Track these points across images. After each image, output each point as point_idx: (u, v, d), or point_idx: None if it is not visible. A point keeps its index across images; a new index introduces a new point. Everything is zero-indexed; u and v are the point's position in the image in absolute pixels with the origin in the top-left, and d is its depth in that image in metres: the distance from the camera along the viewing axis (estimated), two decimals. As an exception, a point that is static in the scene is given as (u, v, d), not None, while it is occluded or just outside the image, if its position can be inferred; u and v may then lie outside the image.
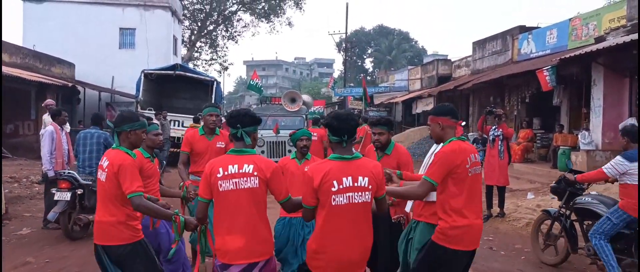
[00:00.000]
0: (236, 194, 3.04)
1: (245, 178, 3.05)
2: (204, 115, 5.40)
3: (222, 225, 3.09)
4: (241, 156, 3.12)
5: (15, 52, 19.21)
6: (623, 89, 11.54)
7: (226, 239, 3.06)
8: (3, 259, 5.77)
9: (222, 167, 3.08)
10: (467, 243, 3.37)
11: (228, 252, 3.05)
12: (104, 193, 3.38)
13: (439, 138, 3.57)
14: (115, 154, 3.38)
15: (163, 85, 18.10)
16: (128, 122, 3.51)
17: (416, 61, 49.68)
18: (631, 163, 5.02)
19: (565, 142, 12.94)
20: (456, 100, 22.37)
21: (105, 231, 3.34)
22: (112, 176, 3.29)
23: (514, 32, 18.35)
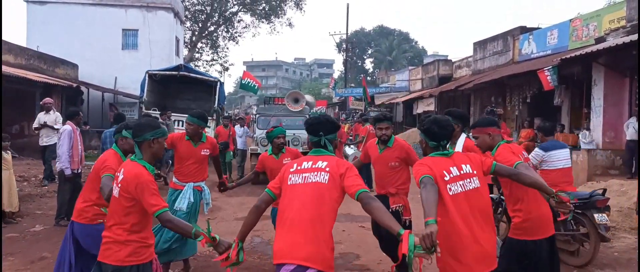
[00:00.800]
0: (302, 189, 2.97)
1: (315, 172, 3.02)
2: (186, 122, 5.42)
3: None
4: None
5: (20, 53, 19.35)
6: (623, 89, 11.69)
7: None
8: (20, 254, 5.93)
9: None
10: (542, 232, 3.72)
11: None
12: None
13: (489, 147, 3.88)
14: (132, 167, 3.11)
15: (166, 85, 18.24)
16: (149, 129, 3.18)
17: (416, 62, 49.84)
18: (546, 152, 6.06)
19: (566, 141, 13.06)
20: (457, 100, 22.53)
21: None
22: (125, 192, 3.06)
23: (514, 33, 18.50)
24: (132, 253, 3.02)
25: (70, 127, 7.30)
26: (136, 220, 3.06)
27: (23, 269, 5.39)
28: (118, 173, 3.18)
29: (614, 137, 11.54)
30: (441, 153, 3.10)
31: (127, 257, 3.01)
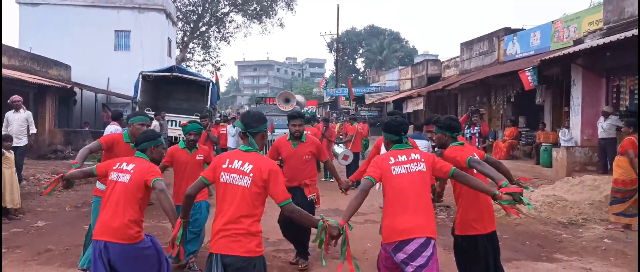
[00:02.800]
0: (410, 178, 3.47)
1: (415, 163, 3.52)
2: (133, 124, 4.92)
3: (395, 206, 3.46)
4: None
5: (14, 55, 19.57)
6: (600, 89, 12.19)
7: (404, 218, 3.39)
8: (26, 247, 6.29)
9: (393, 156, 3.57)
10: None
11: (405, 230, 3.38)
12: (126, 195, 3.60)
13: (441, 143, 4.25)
14: (143, 161, 3.74)
15: (159, 86, 18.57)
16: (151, 139, 3.84)
17: (407, 61, 50.35)
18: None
19: (547, 139, 13.59)
20: (445, 99, 23.04)
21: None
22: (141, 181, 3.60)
23: (499, 34, 19.01)
24: (260, 243, 3.18)
25: (116, 127, 7.61)
26: (262, 211, 3.24)
27: (30, 260, 5.76)
28: (124, 166, 3.67)
29: (591, 134, 12.02)
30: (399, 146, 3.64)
31: (257, 247, 3.13)
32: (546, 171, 12.48)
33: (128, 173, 3.64)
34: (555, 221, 7.95)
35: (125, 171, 3.67)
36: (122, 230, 3.52)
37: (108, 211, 3.58)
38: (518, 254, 6.36)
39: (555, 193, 8.96)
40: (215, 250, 3.11)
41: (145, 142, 3.83)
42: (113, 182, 3.66)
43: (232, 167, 3.20)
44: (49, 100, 18.83)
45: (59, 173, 7.54)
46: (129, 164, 3.71)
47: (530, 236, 7.29)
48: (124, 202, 3.57)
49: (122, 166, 3.70)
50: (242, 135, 3.37)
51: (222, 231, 3.11)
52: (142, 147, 3.83)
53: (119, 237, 3.51)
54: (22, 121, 10.12)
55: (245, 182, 3.14)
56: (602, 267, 5.83)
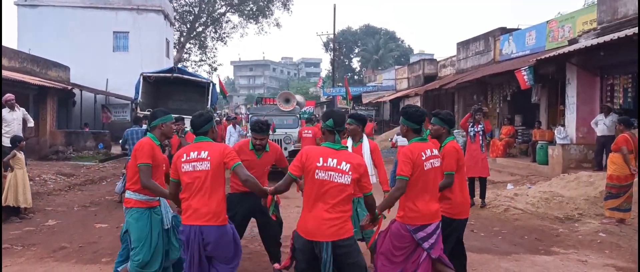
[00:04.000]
0: (434, 171, 3.97)
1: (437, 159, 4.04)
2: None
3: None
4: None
5: (14, 57, 19.68)
6: (594, 87, 12.46)
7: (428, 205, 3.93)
8: (41, 244, 6.48)
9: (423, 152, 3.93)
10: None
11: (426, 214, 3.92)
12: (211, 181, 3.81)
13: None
14: (213, 145, 3.93)
15: (160, 87, 18.68)
16: (210, 120, 4.03)
17: (403, 60, 50.63)
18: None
19: (543, 137, 13.86)
20: (442, 98, 23.29)
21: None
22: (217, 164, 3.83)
23: (495, 34, 19.28)
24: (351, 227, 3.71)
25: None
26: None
27: (47, 256, 5.94)
28: (198, 154, 3.84)
29: (586, 132, 12.29)
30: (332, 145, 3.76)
31: (352, 229, 3.68)
32: (542, 168, 12.74)
33: (205, 160, 3.80)
34: (552, 216, 8.20)
35: (200, 159, 3.81)
36: (215, 213, 3.78)
37: (196, 197, 3.77)
38: (517, 247, 6.59)
39: (552, 189, 9.21)
40: (324, 238, 3.52)
41: (206, 124, 3.98)
42: (191, 172, 3.79)
43: (328, 165, 3.58)
44: (50, 101, 18.95)
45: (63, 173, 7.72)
46: (201, 152, 3.84)
47: (528, 230, 7.53)
48: (210, 187, 3.77)
49: (192, 155, 3.84)
50: (327, 132, 3.74)
51: (328, 221, 3.52)
52: (204, 129, 3.98)
53: (213, 220, 3.76)
54: (20, 120, 10.05)
55: (345, 180, 3.55)
56: (597, 259, 6.07)
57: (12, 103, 9.94)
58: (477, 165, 9.05)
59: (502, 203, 8.92)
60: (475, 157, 9.11)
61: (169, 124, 4.34)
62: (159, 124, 4.28)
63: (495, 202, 9.06)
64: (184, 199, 3.84)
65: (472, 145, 9.29)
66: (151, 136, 4.23)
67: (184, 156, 3.85)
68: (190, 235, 3.76)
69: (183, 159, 3.84)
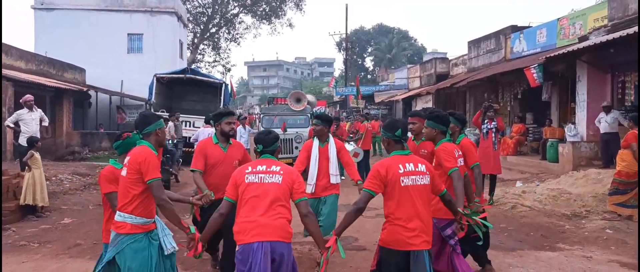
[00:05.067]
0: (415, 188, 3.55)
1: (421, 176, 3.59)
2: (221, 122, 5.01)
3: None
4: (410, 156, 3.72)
5: (31, 59, 20.10)
6: (605, 85, 12.41)
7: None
8: (57, 242, 6.69)
9: (252, 166, 3.61)
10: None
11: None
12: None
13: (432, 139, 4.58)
14: (285, 166, 3.72)
15: (173, 88, 18.99)
16: (276, 140, 3.78)
17: (416, 59, 50.52)
18: None
19: (554, 135, 13.82)
20: (453, 97, 23.26)
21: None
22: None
23: (506, 32, 19.21)
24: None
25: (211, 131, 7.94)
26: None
27: (62, 253, 6.16)
28: (269, 167, 3.63)
29: (596, 130, 12.22)
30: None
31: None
32: (552, 166, 12.72)
33: (277, 174, 3.56)
34: (559, 213, 8.23)
35: (271, 172, 3.57)
36: (284, 229, 3.47)
37: (261, 211, 3.45)
38: (521, 244, 6.65)
39: (560, 187, 9.23)
40: (427, 246, 3.53)
41: (273, 145, 3.76)
42: (256, 184, 3.51)
43: (408, 170, 3.56)
44: (66, 103, 19.32)
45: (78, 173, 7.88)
46: (272, 166, 3.62)
47: (534, 227, 7.57)
48: (279, 201, 3.50)
49: (261, 168, 3.59)
50: (394, 142, 3.70)
51: (419, 229, 3.50)
52: (272, 149, 3.76)
53: (282, 236, 3.45)
54: (38, 120, 10.33)
55: (425, 181, 3.59)
56: (602, 256, 6.11)
57: (31, 104, 10.27)
58: (490, 162, 9.07)
59: (510, 200, 8.96)
60: (487, 155, 9.13)
61: (163, 130, 3.84)
62: (154, 130, 3.73)
63: (503, 199, 9.11)
64: (241, 216, 3.50)
65: (485, 142, 9.33)
66: (148, 145, 3.65)
67: (249, 168, 3.61)
68: (259, 254, 3.36)
69: (247, 170, 3.59)
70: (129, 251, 3.48)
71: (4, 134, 13.91)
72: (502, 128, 10.28)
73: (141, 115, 3.82)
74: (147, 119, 3.75)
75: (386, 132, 3.74)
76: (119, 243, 3.51)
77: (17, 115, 10.29)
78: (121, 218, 3.53)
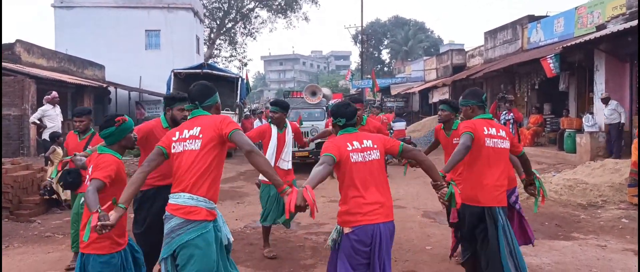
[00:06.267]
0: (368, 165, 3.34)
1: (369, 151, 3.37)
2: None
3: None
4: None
5: (52, 57, 20.54)
6: (624, 74, 12.26)
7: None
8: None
9: (349, 142, 3.37)
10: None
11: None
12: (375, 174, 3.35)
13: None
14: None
15: (190, 83, 19.05)
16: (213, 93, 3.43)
17: (433, 51, 50.19)
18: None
19: (571, 125, 13.71)
20: (470, 88, 23.14)
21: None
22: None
23: (523, 22, 19.04)
24: None
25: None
26: None
27: (85, 244, 6.35)
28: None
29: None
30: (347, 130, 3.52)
31: None
32: (570, 156, 12.64)
33: (373, 149, 3.38)
34: (575, 203, 8.21)
35: (368, 148, 3.37)
36: (391, 207, 3.41)
37: (373, 189, 3.29)
38: (536, 233, 6.62)
39: (576, 177, 9.19)
40: (499, 203, 3.84)
41: (354, 117, 3.53)
42: (360, 163, 3.31)
43: (491, 133, 3.97)
44: (87, 99, 19.71)
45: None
46: (363, 140, 3.41)
47: (549, 217, 7.58)
48: (384, 178, 3.41)
49: (356, 145, 3.36)
50: (478, 107, 4.14)
51: (500, 187, 3.87)
52: (353, 121, 3.52)
53: (392, 215, 3.38)
54: (61, 116, 10.83)
55: (506, 145, 4.03)
56: (617, 245, 6.11)
57: (58, 100, 10.78)
58: None
59: (523, 190, 8.94)
60: None
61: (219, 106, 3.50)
62: (215, 104, 3.39)
63: (519, 189, 9.07)
64: (354, 196, 3.27)
65: None
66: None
67: (347, 144, 3.36)
68: (375, 236, 3.22)
69: (348, 147, 3.34)
70: (202, 244, 3.05)
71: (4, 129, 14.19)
72: (520, 119, 10.31)
73: (202, 86, 3.39)
74: (209, 90, 3.36)
75: (469, 100, 4.21)
76: (187, 231, 3.04)
77: (42, 111, 10.66)
78: (194, 201, 3.07)
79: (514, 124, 9.97)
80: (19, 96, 14.69)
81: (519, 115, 14.68)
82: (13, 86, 14.63)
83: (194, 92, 3.30)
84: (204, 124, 3.17)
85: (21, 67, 16.79)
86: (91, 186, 3.10)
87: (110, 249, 3.29)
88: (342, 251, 3.28)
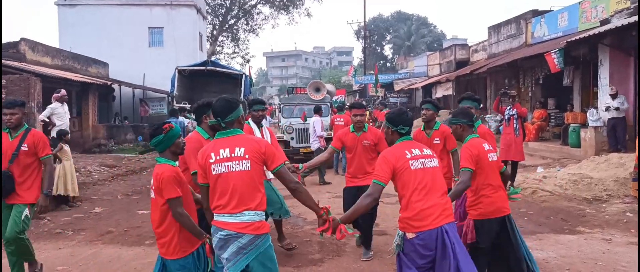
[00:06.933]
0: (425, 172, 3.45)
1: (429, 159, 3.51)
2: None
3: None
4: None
5: (57, 55, 20.61)
6: (628, 68, 12.26)
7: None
8: (89, 229, 6.99)
9: (408, 150, 3.47)
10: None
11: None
12: None
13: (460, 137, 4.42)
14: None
15: (194, 80, 19.24)
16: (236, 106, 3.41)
17: (435, 46, 50.15)
18: None
19: (576, 120, 13.73)
20: (473, 83, 23.14)
21: None
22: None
23: (527, 16, 19.03)
24: None
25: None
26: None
27: (95, 240, 6.44)
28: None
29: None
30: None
31: None
32: (574, 151, 12.66)
33: (434, 157, 3.55)
34: (580, 198, 8.24)
35: (429, 156, 3.52)
36: (451, 209, 3.52)
37: (435, 194, 3.40)
38: (541, 227, 6.73)
39: (581, 171, 9.21)
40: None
41: (412, 124, 3.67)
42: (420, 170, 3.42)
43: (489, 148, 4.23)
44: (91, 97, 19.79)
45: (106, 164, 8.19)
46: (425, 149, 3.58)
47: (554, 211, 7.63)
48: (443, 183, 3.54)
49: (415, 152, 3.49)
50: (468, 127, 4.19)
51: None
52: (410, 129, 3.64)
53: (453, 216, 3.51)
54: (68, 114, 11.05)
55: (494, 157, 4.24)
56: (622, 238, 6.16)
57: (65, 98, 11.05)
58: (511, 148, 9.08)
59: (530, 185, 8.99)
60: (508, 141, 9.14)
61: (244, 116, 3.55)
62: (238, 117, 3.38)
63: (524, 184, 9.13)
64: (417, 201, 3.36)
65: (507, 128, 9.35)
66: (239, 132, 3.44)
67: (407, 153, 3.46)
68: (438, 240, 3.31)
69: (409, 155, 3.45)
70: (271, 252, 3.25)
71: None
72: (524, 114, 10.29)
73: (223, 101, 3.33)
74: (231, 105, 3.31)
75: (459, 119, 4.22)
76: (257, 246, 3.17)
77: (51, 109, 10.81)
78: (258, 217, 3.19)
79: (518, 119, 9.95)
80: (24, 94, 14.66)
81: (522, 110, 14.65)
82: (19, 84, 14.65)
83: (216, 108, 3.31)
84: (247, 146, 3.24)
85: (26, 65, 16.86)
86: (180, 208, 3.27)
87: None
88: (405, 255, 3.39)
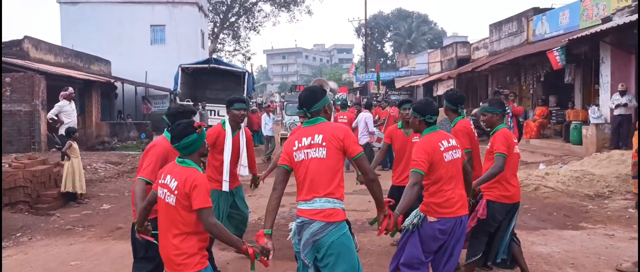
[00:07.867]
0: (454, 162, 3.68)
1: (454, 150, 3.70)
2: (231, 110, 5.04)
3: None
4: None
5: (60, 53, 20.68)
6: (629, 66, 12.35)
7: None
8: (99, 226, 7.09)
9: (440, 142, 3.63)
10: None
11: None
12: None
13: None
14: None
15: (197, 78, 19.38)
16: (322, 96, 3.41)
17: (436, 43, 50.18)
18: None
19: (577, 117, 13.81)
20: (475, 81, 23.24)
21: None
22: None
23: (528, 14, 19.10)
24: None
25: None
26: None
27: (105, 236, 6.54)
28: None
29: (620, 111, 12.23)
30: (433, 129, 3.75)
31: None
32: (576, 148, 12.76)
33: (456, 148, 3.72)
34: (582, 194, 8.35)
35: (454, 147, 3.71)
36: (467, 200, 3.79)
37: (459, 185, 3.67)
38: (545, 223, 6.83)
39: (583, 168, 9.32)
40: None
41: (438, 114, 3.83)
42: (450, 162, 3.63)
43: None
44: (94, 94, 19.86)
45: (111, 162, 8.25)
46: (451, 139, 3.77)
47: (557, 207, 7.73)
48: (461, 174, 3.75)
49: (445, 144, 3.65)
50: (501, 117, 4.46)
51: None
52: (435, 118, 3.76)
53: (467, 209, 3.76)
54: (76, 111, 11.23)
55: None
56: (624, 233, 6.26)
57: (73, 96, 11.17)
58: None
59: (533, 182, 9.09)
60: None
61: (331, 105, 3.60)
62: (324, 107, 3.35)
63: (526, 181, 9.23)
64: (447, 190, 3.59)
65: None
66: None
67: (440, 145, 3.62)
68: (456, 227, 3.61)
69: (442, 148, 3.61)
70: (346, 240, 3.14)
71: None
72: (519, 112, 10.45)
73: (309, 91, 3.36)
74: (316, 95, 3.31)
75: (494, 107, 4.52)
76: (329, 233, 3.08)
77: (59, 107, 10.89)
78: (331, 204, 3.12)
79: (513, 117, 10.12)
80: (29, 92, 14.82)
81: (517, 109, 14.77)
82: (23, 82, 14.76)
83: (302, 98, 3.32)
84: (325, 133, 3.20)
85: (30, 63, 16.93)
86: (212, 219, 2.89)
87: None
88: (419, 235, 3.63)
